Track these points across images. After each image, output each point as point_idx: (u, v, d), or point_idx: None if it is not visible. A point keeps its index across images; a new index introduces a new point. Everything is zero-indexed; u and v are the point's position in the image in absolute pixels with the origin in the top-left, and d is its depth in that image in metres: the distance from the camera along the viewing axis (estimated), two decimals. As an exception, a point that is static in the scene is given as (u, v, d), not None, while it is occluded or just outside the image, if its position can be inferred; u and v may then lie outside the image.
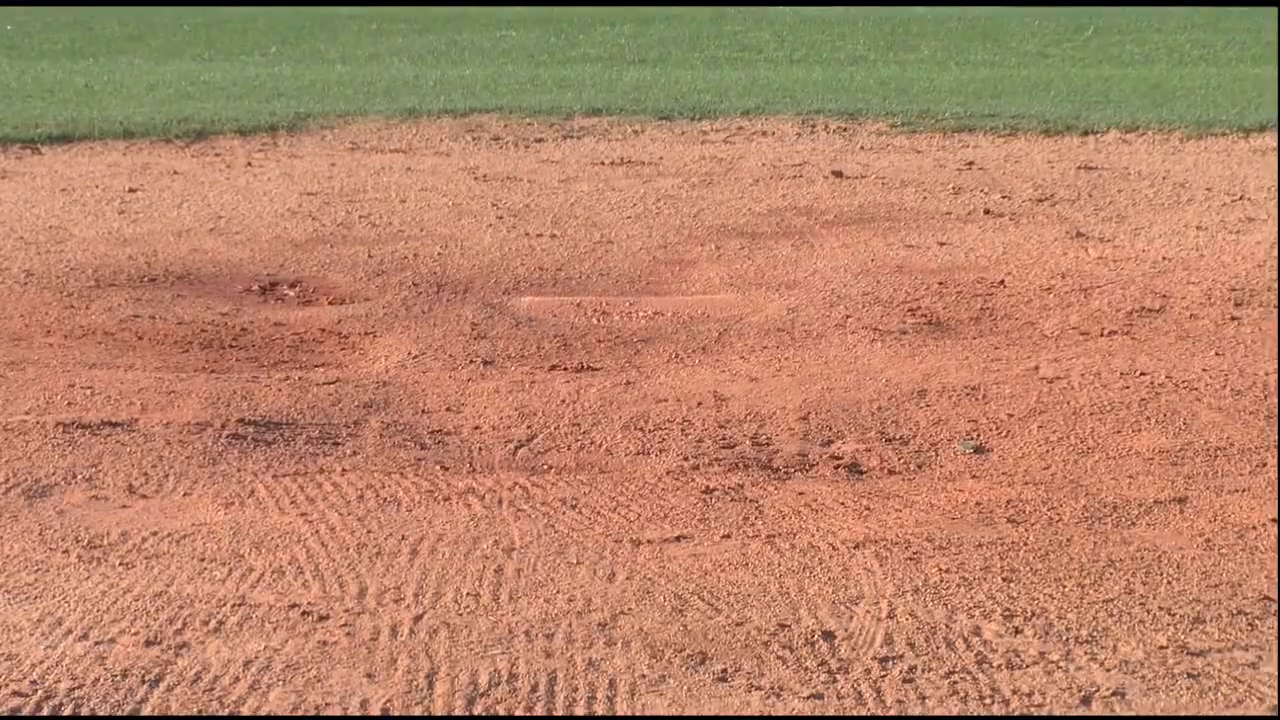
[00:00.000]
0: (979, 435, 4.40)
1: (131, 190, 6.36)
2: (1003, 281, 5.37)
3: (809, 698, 3.04)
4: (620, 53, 8.72)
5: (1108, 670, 3.16)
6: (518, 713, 2.97)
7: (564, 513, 3.96)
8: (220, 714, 3.31)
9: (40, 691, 3.04)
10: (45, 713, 2.97)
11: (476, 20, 9.28)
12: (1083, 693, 3.05)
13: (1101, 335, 5.02)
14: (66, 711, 2.97)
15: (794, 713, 3.00)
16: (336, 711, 2.98)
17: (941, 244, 5.71)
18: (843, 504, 4.02)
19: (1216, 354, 4.85)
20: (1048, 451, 4.31)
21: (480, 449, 4.35)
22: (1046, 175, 6.50)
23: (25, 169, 6.71)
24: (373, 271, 5.50)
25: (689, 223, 5.95)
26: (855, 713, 3.00)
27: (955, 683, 3.10)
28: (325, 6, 10.34)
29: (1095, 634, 3.40)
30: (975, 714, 3.09)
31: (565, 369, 4.82)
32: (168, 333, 5.04)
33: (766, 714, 3.05)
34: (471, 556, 3.73)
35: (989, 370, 4.72)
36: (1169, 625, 3.45)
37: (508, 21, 9.29)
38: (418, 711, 2.98)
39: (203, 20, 9.57)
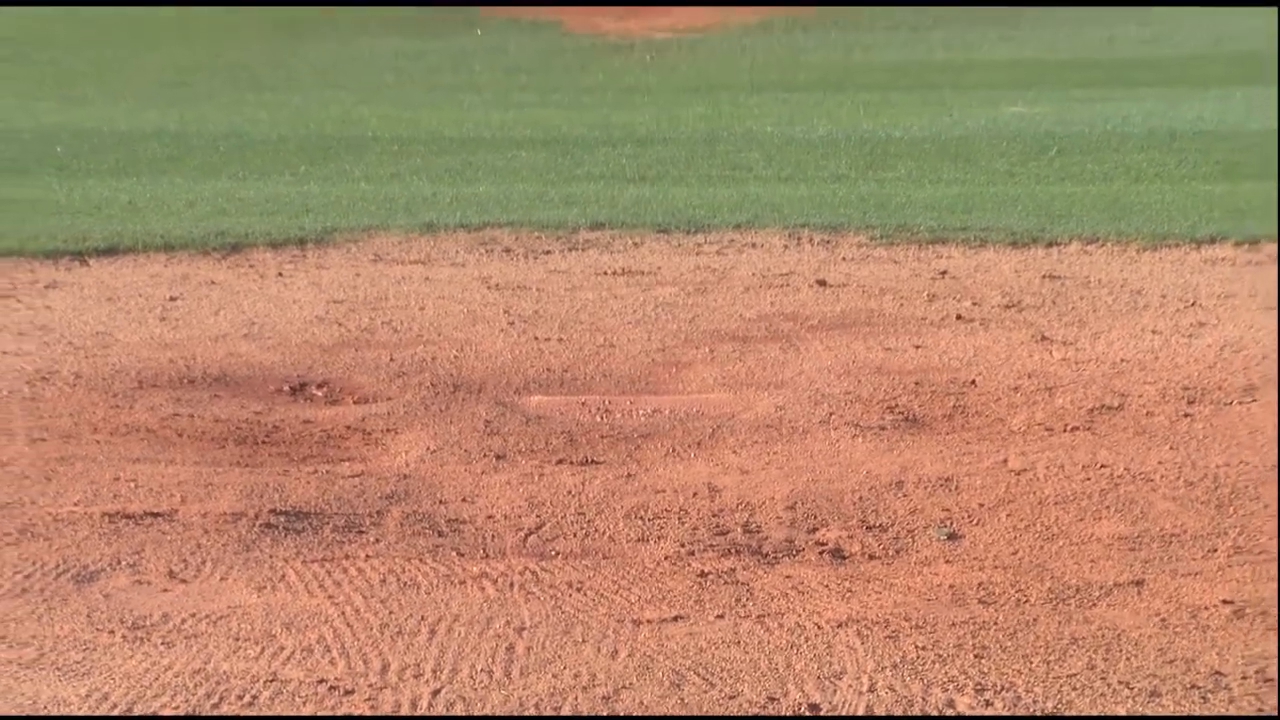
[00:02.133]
0: (952, 523, 4.38)
1: (172, 299, 6.36)
2: (973, 381, 5.36)
3: (796, 765, 3.04)
4: (621, 171, 8.77)
5: (1071, 740, 3.16)
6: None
7: (570, 595, 3.96)
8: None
9: (88, 760, 3.04)
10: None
11: (489, 142, 9.36)
12: (1048, 760, 3.05)
13: (1065, 431, 5.01)
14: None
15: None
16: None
17: (917, 347, 5.70)
18: (827, 586, 4.01)
19: (1171, 448, 4.84)
20: (1015, 538, 4.30)
21: (493, 536, 4.34)
22: (1013, 284, 6.50)
23: (74, 279, 6.72)
24: (394, 373, 5.49)
25: (685, 327, 5.95)
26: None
27: (931, 751, 3.10)
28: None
29: (1060, 706, 3.39)
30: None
31: (571, 462, 4.80)
32: (205, 430, 5.04)
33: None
34: (485, 635, 3.73)
35: (961, 463, 4.69)
36: (1128, 698, 3.45)
37: (517, 143, 9.38)
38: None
39: (236, 142, 9.65)
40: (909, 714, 3.35)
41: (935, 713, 3.36)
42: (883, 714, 3.35)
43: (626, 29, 13.60)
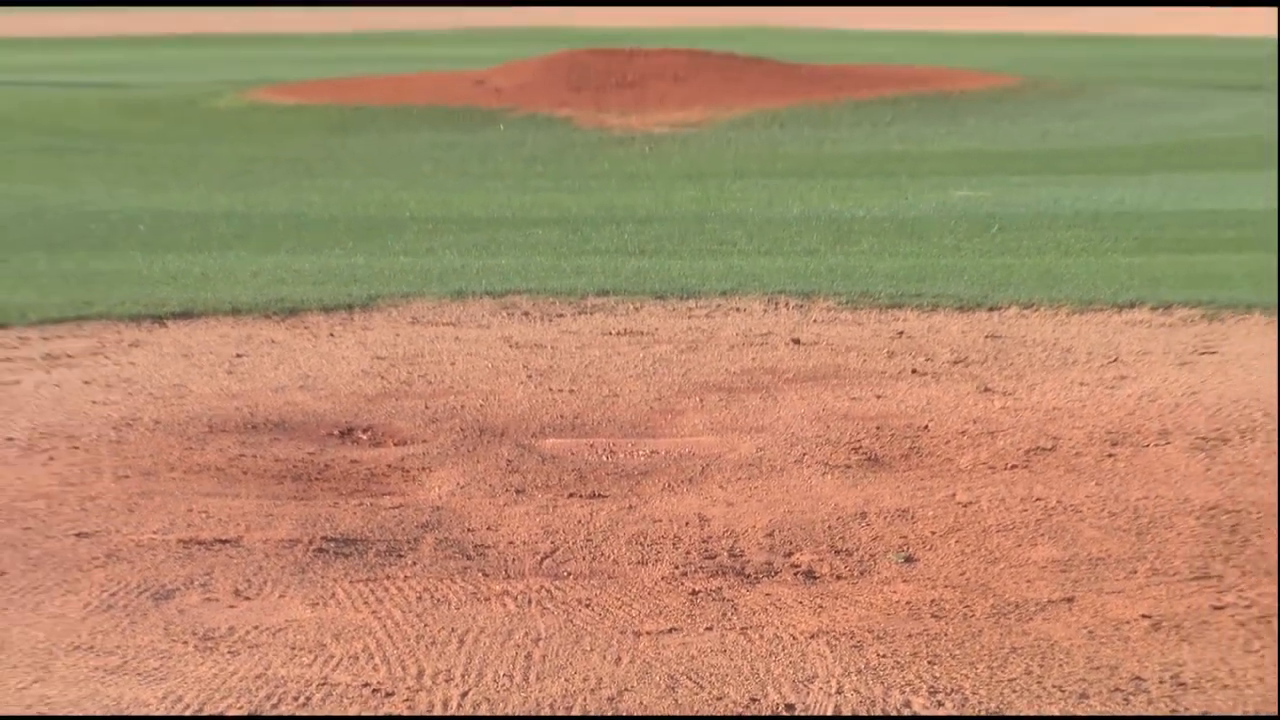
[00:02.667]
0: (909, 548, 4.39)
1: (238, 355, 6.37)
2: (926, 426, 5.37)
3: (775, 757, 3.04)
4: (624, 246, 8.80)
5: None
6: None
7: (580, 610, 3.96)
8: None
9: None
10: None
11: (510, 221, 9.40)
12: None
13: (1005, 469, 5.02)
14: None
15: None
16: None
17: (878, 396, 5.71)
18: (800, 603, 4.01)
19: (1096, 484, 4.85)
20: (963, 561, 4.31)
21: (513, 559, 4.35)
22: (960, 342, 6.52)
23: (154, 339, 6.73)
24: (428, 419, 5.50)
25: (678, 380, 5.96)
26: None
27: (891, 745, 3.09)
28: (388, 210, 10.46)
29: (1001, 706, 3.39)
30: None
31: (580, 496, 4.81)
32: (266, 468, 5.04)
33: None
34: (506, 645, 3.73)
35: (916, 497, 4.69)
36: (1060, 700, 3.44)
37: (534, 222, 9.43)
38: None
39: (293, 222, 9.68)
40: (872, 714, 3.35)
41: (894, 712, 3.37)
42: (849, 714, 3.36)
43: (628, 124, 13.65)
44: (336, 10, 33.61)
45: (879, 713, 3.34)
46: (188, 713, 3.37)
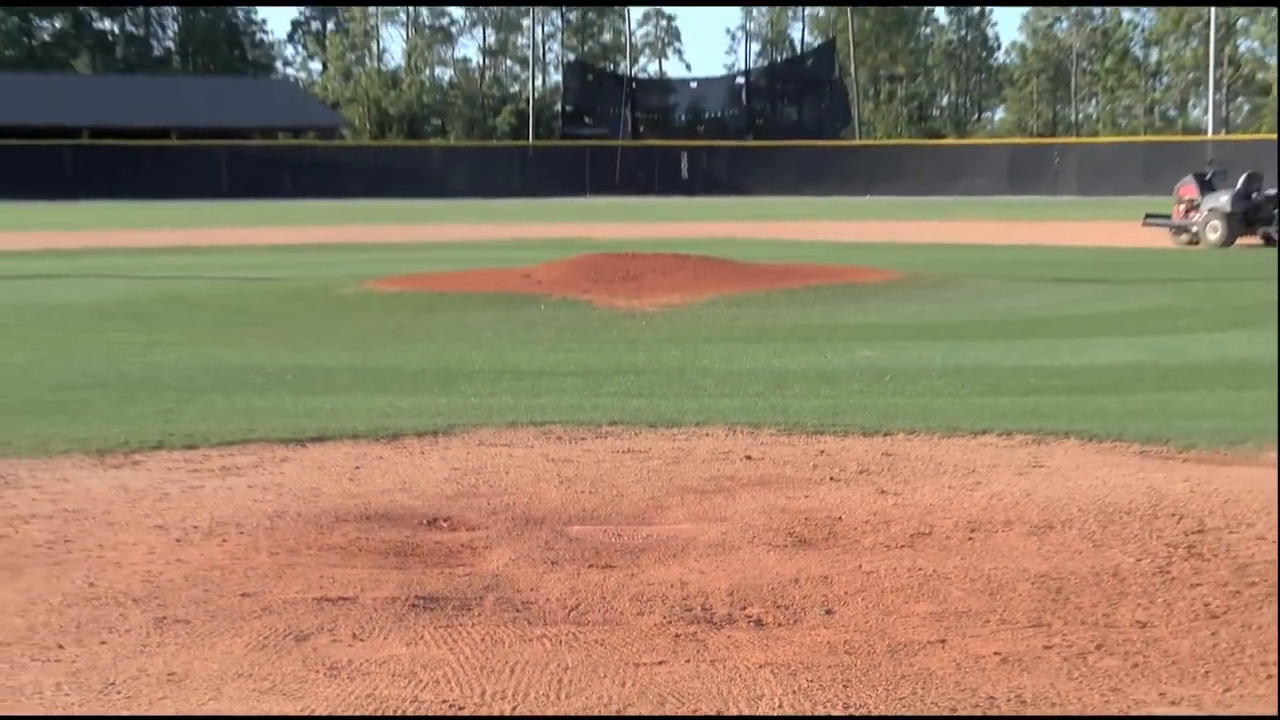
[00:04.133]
0: (828, 604, 4.40)
1: (356, 468, 6.38)
2: (840, 518, 5.38)
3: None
4: (627, 390, 8.89)
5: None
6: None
7: (596, 648, 3.96)
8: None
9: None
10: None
11: (548, 373, 9.46)
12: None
13: (896, 548, 5.03)
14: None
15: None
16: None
17: (806, 496, 5.73)
18: (752, 643, 4.01)
19: (960, 558, 4.86)
20: (867, 613, 4.31)
21: (550, 612, 4.35)
22: (864, 459, 6.55)
23: (298, 456, 6.74)
24: (489, 512, 5.52)
25: (666, 485, 5.99)
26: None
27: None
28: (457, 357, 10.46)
29: (897, 713, 3.41)
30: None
31: (597, 566, 4.80)
32: (375, 547, 5.05)
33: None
34: (544, 673, 3.73)
35: (833, 567, 4.66)
36: (936, 711, 3.46)
37: (565, 373, 9.48)
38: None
39: (395, 373, 9.71)
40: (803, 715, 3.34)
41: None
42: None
43: (630, 305, 13.80)
44: (426, 225, 34.00)
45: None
46: (318, 722, 3.36)
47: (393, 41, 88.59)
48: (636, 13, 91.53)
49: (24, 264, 21.79)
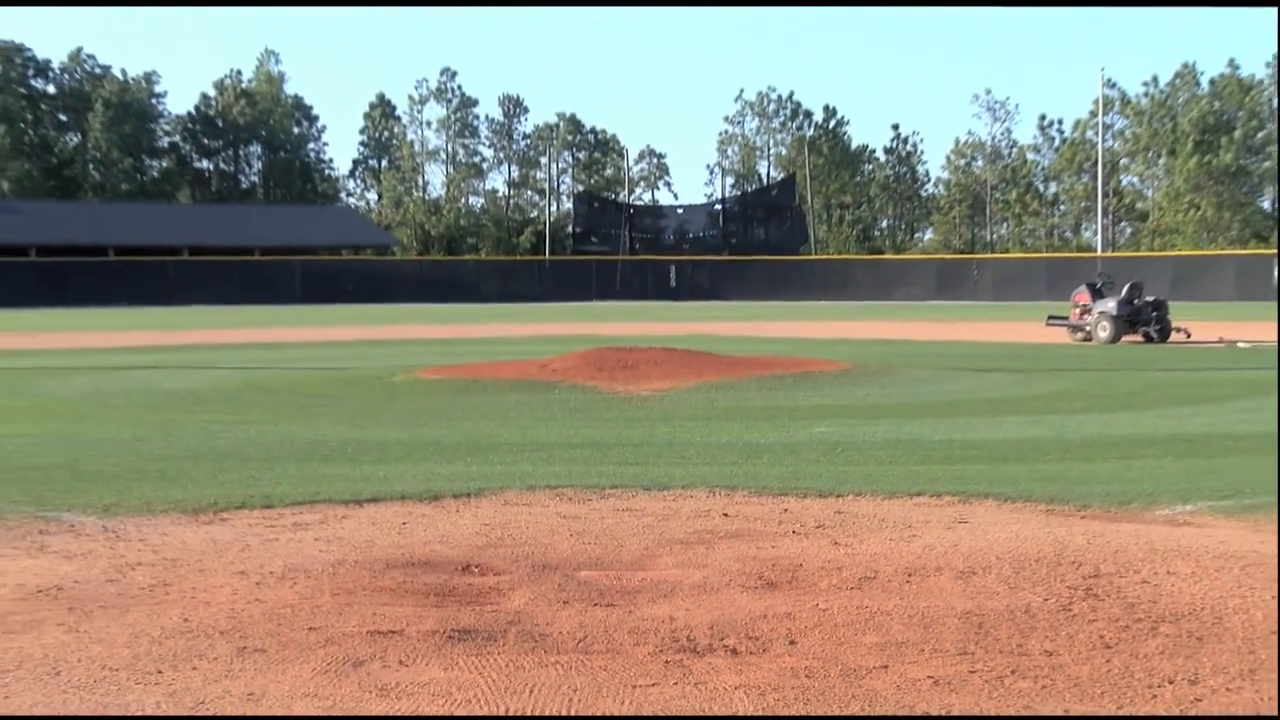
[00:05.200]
0: (792, 636, 4.37)
1: (403, 524, 6.35)
2: (801, 564, 5.35)
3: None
4: (625, 459, 8.87)
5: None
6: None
7: (600, 672, 3.94)
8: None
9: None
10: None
11: (561, 445, 9.38)
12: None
13: (847, 589, 5.00)
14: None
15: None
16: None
17: (773, 547, 5.71)
18: (729, 668, 3.99)
19: (899, 598, 4.83)
20: (824, 644, 4.29)
21: (561, 643, 4.32)
22: (820, 515, 6.53)
23: (354, 514, 6.71)
24: (512, 560, 5.49)
25: (657, 537, 5.97)
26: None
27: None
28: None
29: (847, 730, 3.39)
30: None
31: (600, 605, 4.76)
32: (418, 589, 5.02)
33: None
34: (557, 693, 3.70)
35: (796, 605, 4.61)
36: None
37: (574, 445, 9.42)
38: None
39: (436, 446, 9.61)
40: (771, 734, 3.31)
41: (784, 733, 3.32)
42: (758, 734, 3.31)
43: (629, 390, 13.83)
44: (462, 324, 34.12)
45: (776, 734, 3.32)
46: (371, 734, 3.32)
47: (435, 176, 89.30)
48: (634, 151, 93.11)
49: (133, 358, 21.82)
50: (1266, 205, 74.66)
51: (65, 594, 4.97)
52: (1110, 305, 23.62)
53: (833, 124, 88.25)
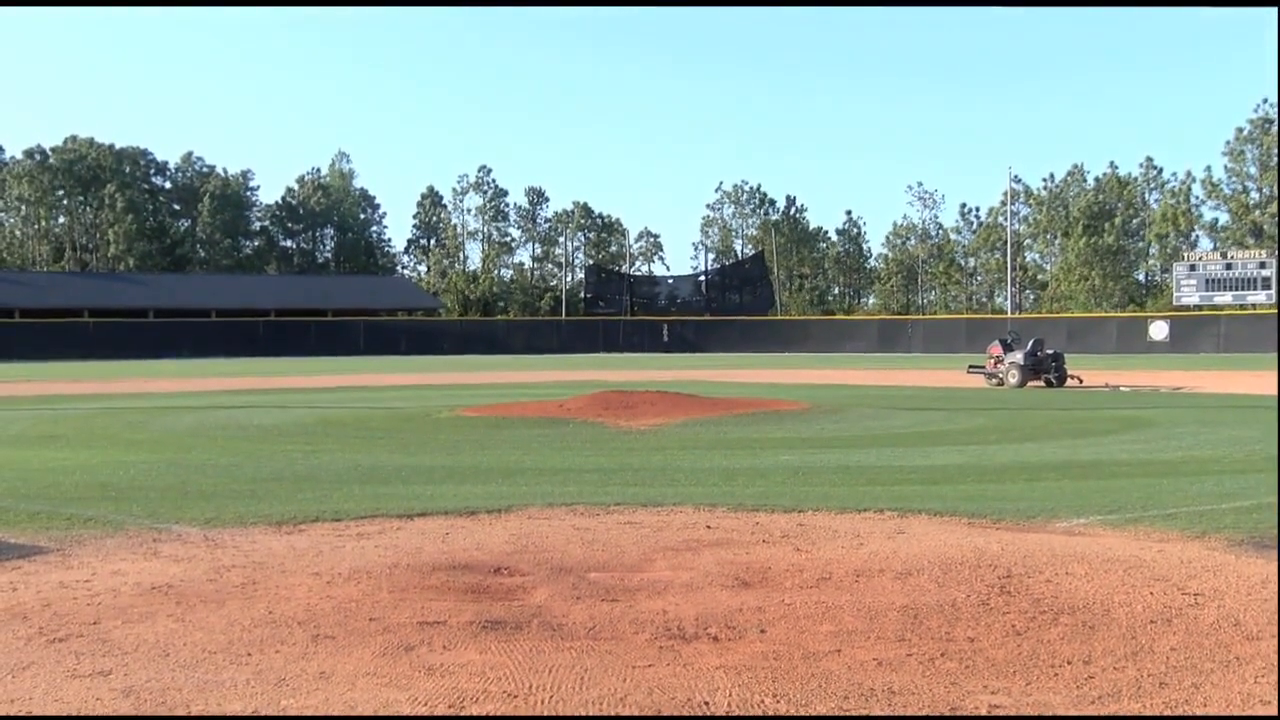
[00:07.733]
0: (763, 625, 4.35)
1: (446, 534, 6.31)
2: (769, 567, 5.33)
3: (699, 727, 2.97)
4: (628, 481, 8.82)
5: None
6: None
7: (606, 655, 3.92)
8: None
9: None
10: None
11: (575, 471, 9.24)
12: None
13: (808, 587, 4.97)
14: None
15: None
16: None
17: (747, 553, 5.68)
18: (711, 652, 3.97)
19: (850, 594, 4.81)
20: (789, 632, 4.26)
21: (575, 631, 4.29)
22: (786, 527, 6.49)
23: (405, 527, 6.67)
24: (535, 563, 5.47)
25: (653, 545, 5.94)
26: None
27: (754, 721, 3.03)
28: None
29: (807, 701, 3.37)
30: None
31: (607, 600, 4.72)
32: (459, 587, 4.98)
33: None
34: (571, 672, 3.68)
35: (765, 601, 4.60)
36: (834, 699, 3.41)
37: (584, 471, 9.32)
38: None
39: (472, 471, 9.48)
40: (746, 705, 3.30)
41: (756, 706, 3.32)
42: (734, 706, 3.31)
43: (630, 425, 13.82)
44: (495, 372, 34.12)
45: (751, 706, 3.31)
46: (419, 711, 3.30)
47: (473, 252, 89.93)
48: (634, 232, 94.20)
49: (230, 399, 21.83)
50: (1141, 277, 75.63)
51: (174, 590, 4.97)
52: (1018, 356, 23.81)
53: (793, 210, 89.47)
